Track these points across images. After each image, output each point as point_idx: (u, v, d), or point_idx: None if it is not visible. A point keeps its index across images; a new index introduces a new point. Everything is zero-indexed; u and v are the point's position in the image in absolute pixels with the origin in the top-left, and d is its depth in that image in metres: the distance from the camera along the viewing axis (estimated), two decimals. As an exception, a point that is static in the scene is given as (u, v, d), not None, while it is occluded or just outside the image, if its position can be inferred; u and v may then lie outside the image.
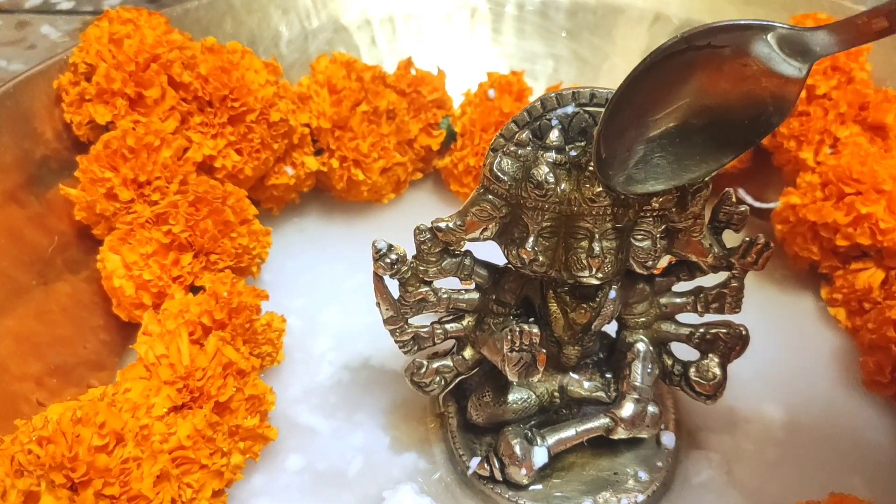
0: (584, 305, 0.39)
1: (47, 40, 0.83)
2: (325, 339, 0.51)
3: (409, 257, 0.39)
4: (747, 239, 0.39)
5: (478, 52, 0.67)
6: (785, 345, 0.51)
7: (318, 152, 0.57)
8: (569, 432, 0.41)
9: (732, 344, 0.42)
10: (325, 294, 0.54)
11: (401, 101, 0.58)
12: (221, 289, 0.44)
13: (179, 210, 0.46)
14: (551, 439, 0.41)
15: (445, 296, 0.40)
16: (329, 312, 0.53)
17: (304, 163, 0.56)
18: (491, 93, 0.59)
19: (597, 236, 0.36)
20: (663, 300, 0.42)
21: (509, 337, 0.37)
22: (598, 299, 0.39)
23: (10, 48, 0.81)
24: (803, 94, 0.54)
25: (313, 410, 0.47)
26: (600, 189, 0.34)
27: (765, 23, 0.30)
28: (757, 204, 0.57)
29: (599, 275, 0.36)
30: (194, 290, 0.47)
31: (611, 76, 0.64)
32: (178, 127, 0.50)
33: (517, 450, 0.40)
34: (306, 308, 0.53)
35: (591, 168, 0.34)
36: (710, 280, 0.41)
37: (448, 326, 0.41)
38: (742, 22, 0.30)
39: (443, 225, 0.38)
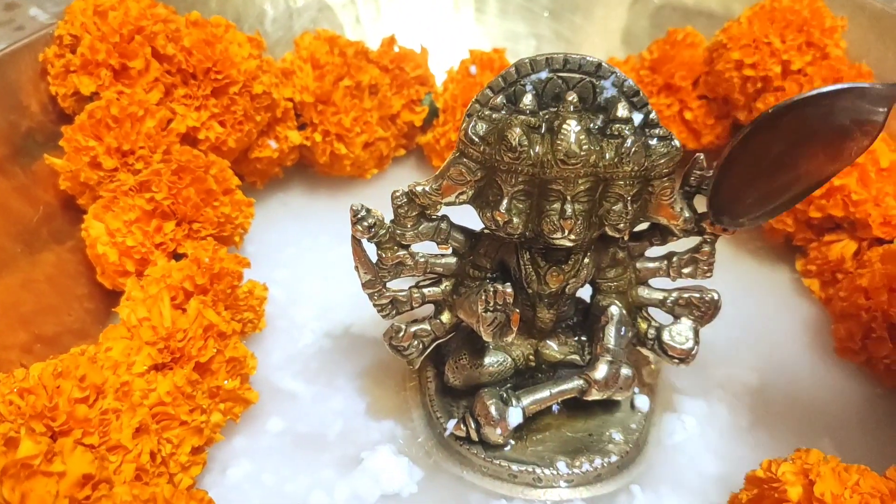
0: (557, 268, 0.40)
1: (35, 22, 0.83)
2: (308, 308, 0.52)
3: (387, 222, 0.39)
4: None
5: (461, 31, 0.68)
6: (760, 314, 0.52)
7: (301, 127, 0.58)
8: (543, 393, 0.42)
9: (705, 309, 0.43)
10: (308, 266, 0.55)
11: (383, 77, 0.59)
12: (203, 255, 0.45)
13: (162, 178, 0.46)
14: (526, 400, 0.42)
15: (423, 259, 0.41)
16: (312, 283, 0.54)
17: (287, 137, 0.57)
18: (472, 69, 0.60)
19: (569, 198, 0.36)
20: (637, 265, 0.43)
21: (483, 297, 0.38)
22: (571, 262, 0.40)
23: (-2, 29, 0.81)
24: (778, 69, 0.55)
25: (295, 376, 0.48)
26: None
27: (857, 85, 0.34)
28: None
29: (572, 236, 0.37)
30: (177, 257, 0.47)
31: (591, 55, 0.65)
32: (161, 99, 0.50)
33: (492, 410, 0.41)
34: (289, 279, 0.54)
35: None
36: (682, 245, 0.42)
37: (426, 290, 0.42)
38: (840, 88, 0.34)
39: (419, 188, 0.38)
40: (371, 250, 0.40)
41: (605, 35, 0.66)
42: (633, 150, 0.35)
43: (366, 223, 0.39)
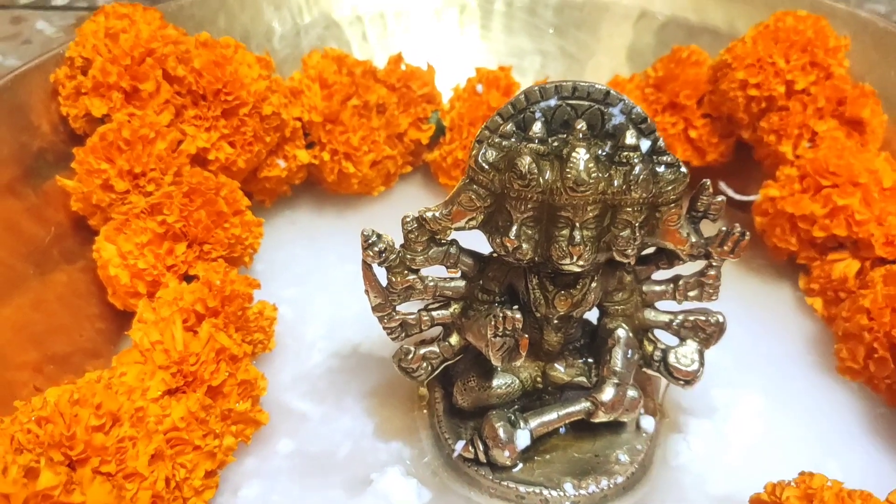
0: (566, 293, 0.40)
1: (42, 35, 0.84)
2: (316, 327, 0.53)
3: (397, 246, 0.40)
4: (724, 228, 0.40)
5: (467, 48, 0.69)
6: (764, 333, 0.53)
7: (309, 145, 0.59)
8: (551, 416, 0.43)
9: (710, 331, 0.43)
10: (316, 284, 0.56)
11: (391, 96, 0.59)
12: (214, 277, 0.45)
13: (174, 201, 0.47)
14: (534, 422, 0.42)
15: (432, 283, 0.42)
16: (320, 302, 0.54)
17: (295, 156, 0.57)
18: (479, 88, 0.60)
19: (578, 225, 0.37)
20: (644, 288, 0.43)
21: (493, 322, 0.38)
22: (579, 287, 0.40)
23: (5, 43, 0.82)
24: (782, 89, 0.55)
25: (304, 396, 0.48)
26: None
27: None
28: (737, 196, 0.58)
29: (580, 262, 0.37)
30: (188, 279, 0.48)
31: (597, 72, 0.66)
32: (172, 120, 0.51)
33: (501, 432, 0.42)
34: (298, 297, 0.54)
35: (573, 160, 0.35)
36: (688, 269, 0.42)
37: (435, 313, 0.43)
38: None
39: (429, 214, 0.39)
40: (381, 274, 0.41)
41: (609, 52, 0.67)
42: (642, 177, 0.36)
43: (376, 248, 0.39)
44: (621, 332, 0.43)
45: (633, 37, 0.67)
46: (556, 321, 0.42)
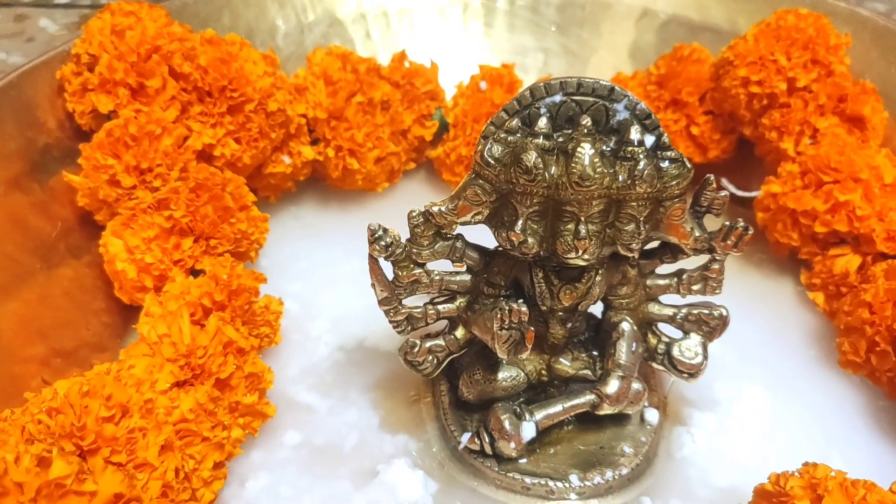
0: (571, 286, 0.41)
1: (45, 33, 0.84)
2: (322, 321, 0.53)
3: (403, 240, 0.40)
4: (727, 223, 0.40)
5: (470, 45, 0.69)
6: (766, 327, 0.53)
7: (314, 142, 0.59)
8: (556, 408, 0.43)
9: (714, 324, 0.44)
10: (322, 279, 0.56)
11: (395, 93, 0.60)
12: (221, 272, 0.45)
13: (180, 196, 0.47)
14: (539, 414, 0.43)
15: (438, 277, 0.42)
16: (325, 296, 0.55)
17: (300, 152, 0.57)
18: (482, 85, 0.60)
19: (583, 220, 0.37)
20: (648, 282, 0.44)
21: (499, 315, 0.38)
22: (584, 280, 0.41)
23: (9, 41, 0.82)
24: (784, 86, 0.56)
25: (310, 389, 0.49)
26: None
27: None
28: (740, 192, 0.59)
29: (585, 256, 0.38)
30: (194, 273, 0.48)
31: (599, 69, 0.66)
32: (178, 116, 0.51)
33: (506, 424, 0.42)
34: (303, 292, 0.55)
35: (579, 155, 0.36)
36: (692, 263, 0.43)
37: (440, 307, 0.43)
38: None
39: (435, 209, 0.39)
40: (387, 268, 0.41)
41: (612, 49, 0.67)
42: (646, 172, 0.36)
43: (383, 242, 0.40)
44: (625, 326, 0.43)
45: (636, 34, 0.67)
46: (561, 314, 0.42)
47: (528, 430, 0.42)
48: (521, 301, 0.40)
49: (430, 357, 0.44)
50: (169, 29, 0.53)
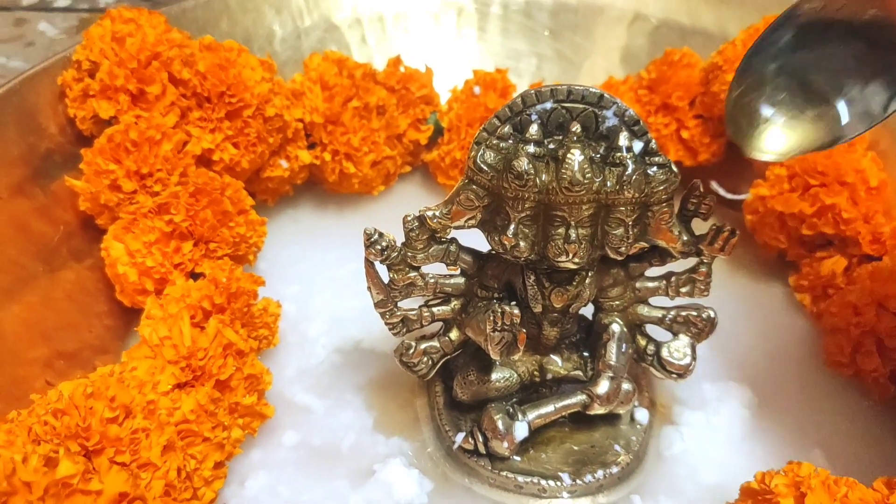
0: (562, 289, 0.42)
1: (45, 37, 0.85)
2: (319, 323, 0.54)
3: (398, 244, 0.41)
4: (715, 226, 0.41)
5: (464, 50, 0.70)
6: (754, 329, 0.54)
7: (311, 146, 0.60)
8: (548, 408, 0.44)
9: (702, 326, 0.45)
10: (319, 281, 0.57)
11: (390, 98, 0.61)
12: (221, 275, 0.46)
13: (180, 200, 0.48)
14: (532, 414, 0.44)
15: (432, 280, 0.43)
16: (322, 298, 0.56)
17: (297, 156, 0.58)
18: (476, 89, 0.61)
19: (573, 224, 0.38)
20: (637, 284, 0.45)
21: (491, 317, 0.39)
22: (574, 283, 0.42)
23: (9, 45, 0.83)
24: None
25: (308, 390, 0.50)
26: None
27: None
28: (729, 195, 0.60)
29: (576, 259, 0.39)
30: (194, 276, 0.49)
31: (592, 74, 0.67)
32: (177, 122, 0.52)
33: (499, 424, 0.43)
34: (300, 294, 0.56)
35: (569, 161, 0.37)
36: (680, 266, 0.44)
37: (435, 309, 0.44)
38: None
39: (430, 213, 0.40)
40: (383, 271, 0.42)
41: (604, 53, 0.68)
42: (634, 177, 0.37)
43: (378, 246, 0.41)
44: (615, 327, 0.44)
45: (627, 39, 0.68)
46: (552, 316, 0.43)
47: (521, 430, 0.43)
48: (513, 303, 0.41)
49: (425, 358, 0.45)
50: (168, 35, 0.54)
